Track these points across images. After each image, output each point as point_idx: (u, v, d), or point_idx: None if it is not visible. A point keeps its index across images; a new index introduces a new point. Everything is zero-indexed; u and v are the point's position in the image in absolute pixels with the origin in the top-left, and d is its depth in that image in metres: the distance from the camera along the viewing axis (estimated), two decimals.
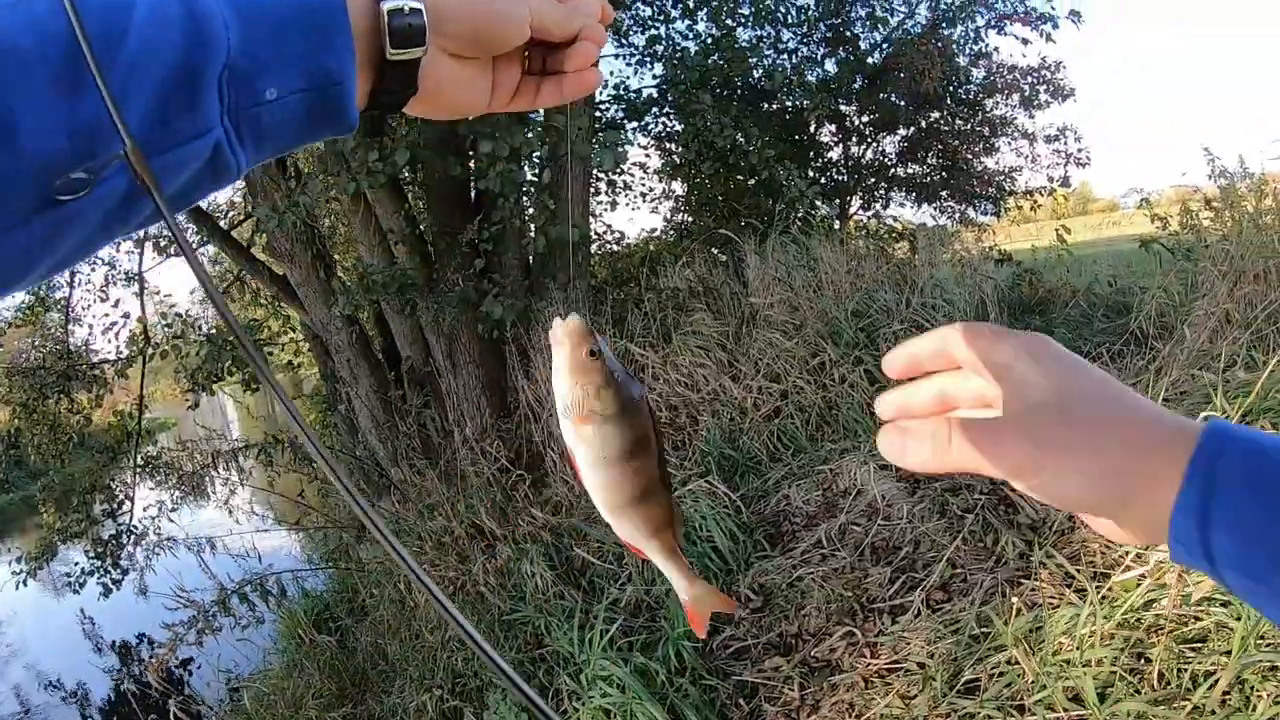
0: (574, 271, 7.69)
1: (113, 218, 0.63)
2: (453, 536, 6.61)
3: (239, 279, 13.75)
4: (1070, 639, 2.83)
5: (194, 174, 0.64)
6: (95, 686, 9.74)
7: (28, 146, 0.55)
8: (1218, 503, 0.55)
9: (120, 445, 9.88)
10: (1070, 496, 0.62)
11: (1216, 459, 0.56)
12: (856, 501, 4.56)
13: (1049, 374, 0.63)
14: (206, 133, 0.62)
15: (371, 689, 6.25)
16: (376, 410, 8.74)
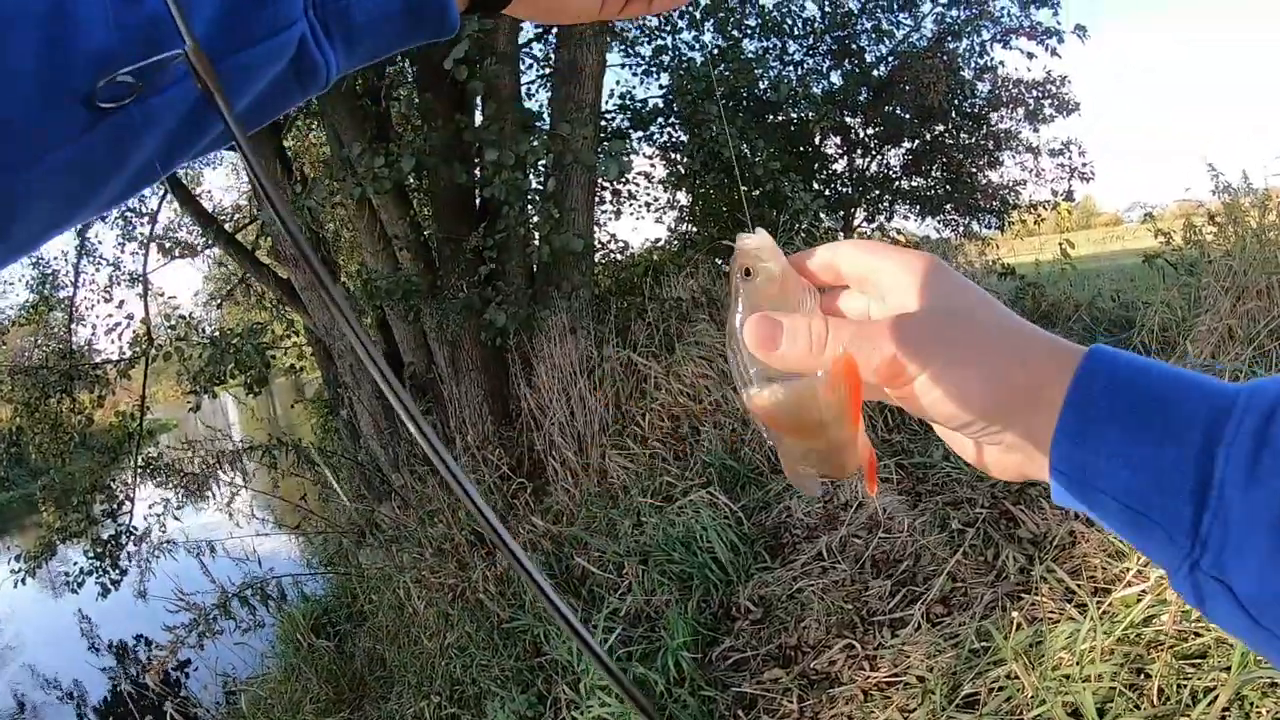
0: (578, 280, 7.69)
1: (178, 138, 0.56)
2: (453, 543, 6.61)
3: (244, 282, 13.79)
4: (1070, 654, 2.83)
5: (277, 79, 0.58)
6: (92, 686, 9.74)
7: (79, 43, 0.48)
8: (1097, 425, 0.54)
9: (121, 446, 9.87)
10: (947, 404, 0.59)
11: (1095, 380, 0.55)
12: (857, 514, 4.56)
13: (936, 285, 0.61)
14: (288, 27, 0.56)
15: (369, 695, 6.25)
16: (378, 415, 8.75)
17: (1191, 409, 0.51)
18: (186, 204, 10.69)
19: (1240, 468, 0.48)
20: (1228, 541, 0.48)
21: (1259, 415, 0.48)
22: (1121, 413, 0.53)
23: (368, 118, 7.38)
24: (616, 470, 6.34)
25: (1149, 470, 0.51)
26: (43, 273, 11.11)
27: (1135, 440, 0.52)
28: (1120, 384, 0.54)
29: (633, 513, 5.72)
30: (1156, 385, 0.53)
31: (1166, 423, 0.51)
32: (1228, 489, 0.48)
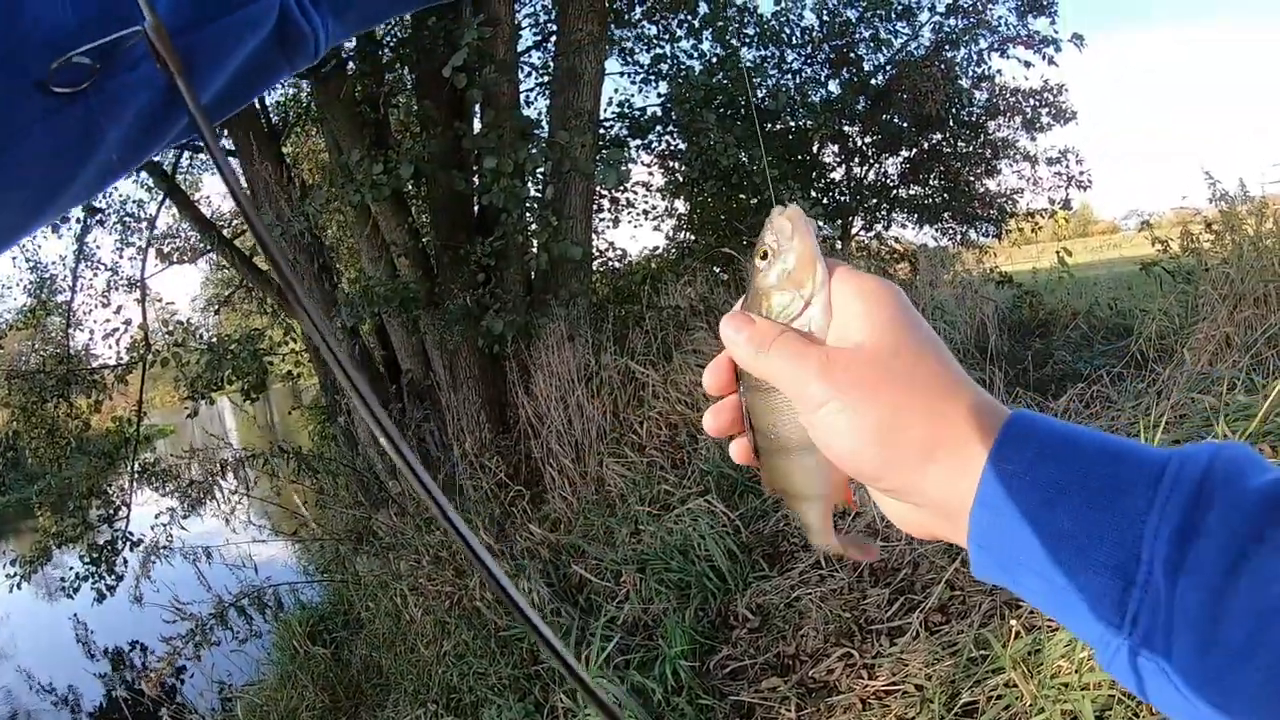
0: (576, 288, 7.70)
1: (144, 126, 0.49)
2: (450, 551, 6.59)
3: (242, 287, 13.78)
4: (1069, 662, 2.82)
5: (258, 51, 0.53)
6: (87, 692, 9.71)
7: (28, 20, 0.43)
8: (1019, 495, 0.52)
9: (118, 451, 9.86)
10: (837, 443, 0.59)
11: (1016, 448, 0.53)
12: (855, 522, 4.55)
13: (881, 320, 0.60)
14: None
15: (365, 702, 6.24)
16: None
17: (1118, 479, 0.50)
18: (185, 209, 10.70)
19: (1169, 555, 0.46)
20: (1157, 621, 0.47)
21: (1187, 488, 0.47)
22: (1042, 482, 0.52)
23: (366, 125, 7.39)
24: (614, 478, 6.33)
25: (1070, 544, 0.50)
26: (40, 277, 11.13)
27: (1057, 510, 0.51)
28: (1041, 452, 0.53)
29: (630, 521, 5.72)
30: (1080, 451, 0.52)
31: (1088, 492, 0.50)
32: (1155, 574, 0.47)
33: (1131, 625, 0.48)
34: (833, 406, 0.59)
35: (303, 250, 8.23)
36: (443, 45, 6.54)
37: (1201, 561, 0.45)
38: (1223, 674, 0.44)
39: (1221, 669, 0.44)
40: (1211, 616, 0.44)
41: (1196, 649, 0.45)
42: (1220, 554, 0.45)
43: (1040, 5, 11.69)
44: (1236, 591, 0.44)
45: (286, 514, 9.94)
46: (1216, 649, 0.44)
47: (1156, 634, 0.47)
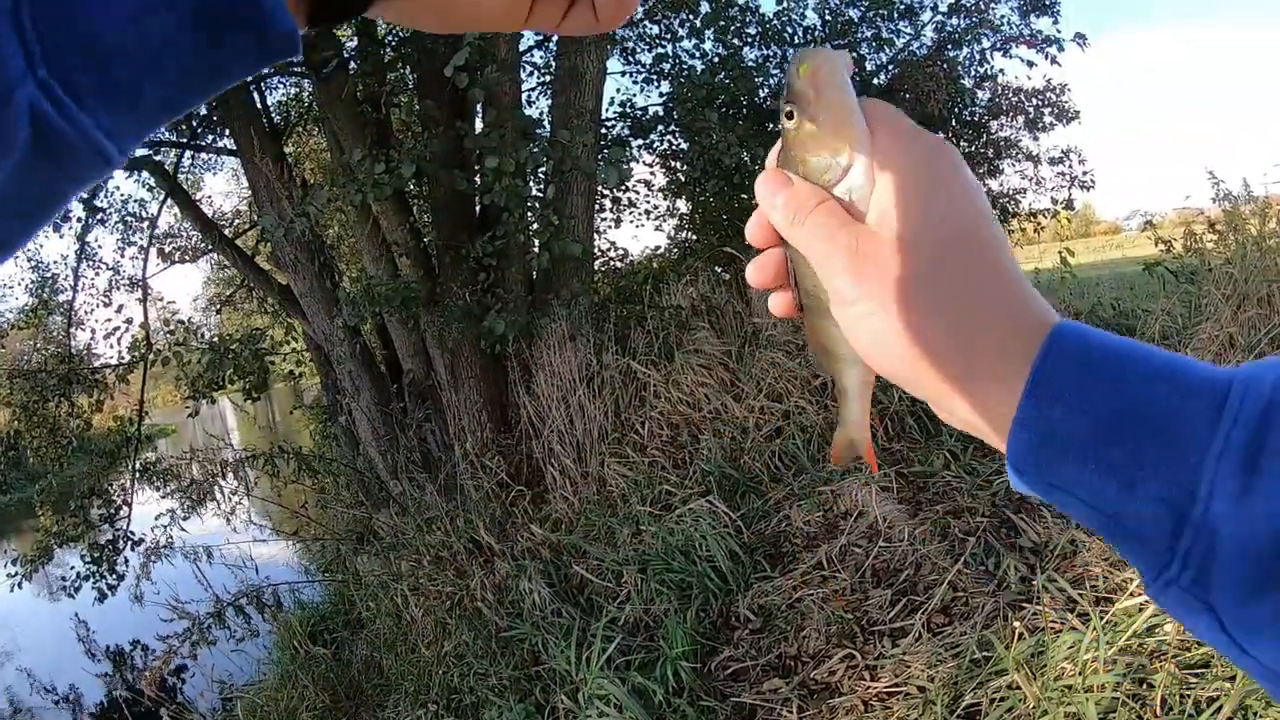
0: (577, 287, 7.69)
1: None
2: (451, 551, 6.59)
3: (244, 287, 13.79)
4: (1072, 664, 2.81)
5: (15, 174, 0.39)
6: (88, 691, 9.73)
7: None
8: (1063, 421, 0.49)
9: (119, 450, 9.88)
10: (869, 349, 0.58)
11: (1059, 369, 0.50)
12: (858, 523, 4.54)
13: (923, 198, 0.56)
14: None
15: (366, 702, 6.22)
16: (377, 422, 8.74)
17: (1174, 406, 0.47)
18: (186, 209, 10.69)
19: (1229, 483, 0.44)
20: (1212, 564, 0.45)
21: (1252, 420, 0.45)
22: (1091, 407, 0.48)
23: (368, 124, 7.38)
24: (615, 478, 6.32)
25: (1122, 476, 0.47)
26: (42, 276, 11.12)
27: (1107, 440, 0.48)
28: (1091, 373, 0.50)
29: (632, 521, 5.71)
30: (1134, 374, 0.49)
31: (1144, 421, 0.47)
32: (1214, 506, 0.44)
33: (1182, 564, 0.46)
34: (861, 308, 0.57)
35: (304, 249, 8.23)
36: (444, 45, 6.53)
37: (1263, 503, 0.43)
38: (1273, 624, 0.43)
39: (1273, 618, 0.43)
40: (1269, 563, 0.43)
41: (1248, 595, 0.44)
42: None
43: (1043, 4, 11.65)
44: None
45: (287, 514, 9.95)
46: (1270, 598, 0.43)
47: (1209, 575, 0.45)
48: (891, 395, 5.52)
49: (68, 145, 0.39)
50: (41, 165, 0.39)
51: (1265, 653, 0.44)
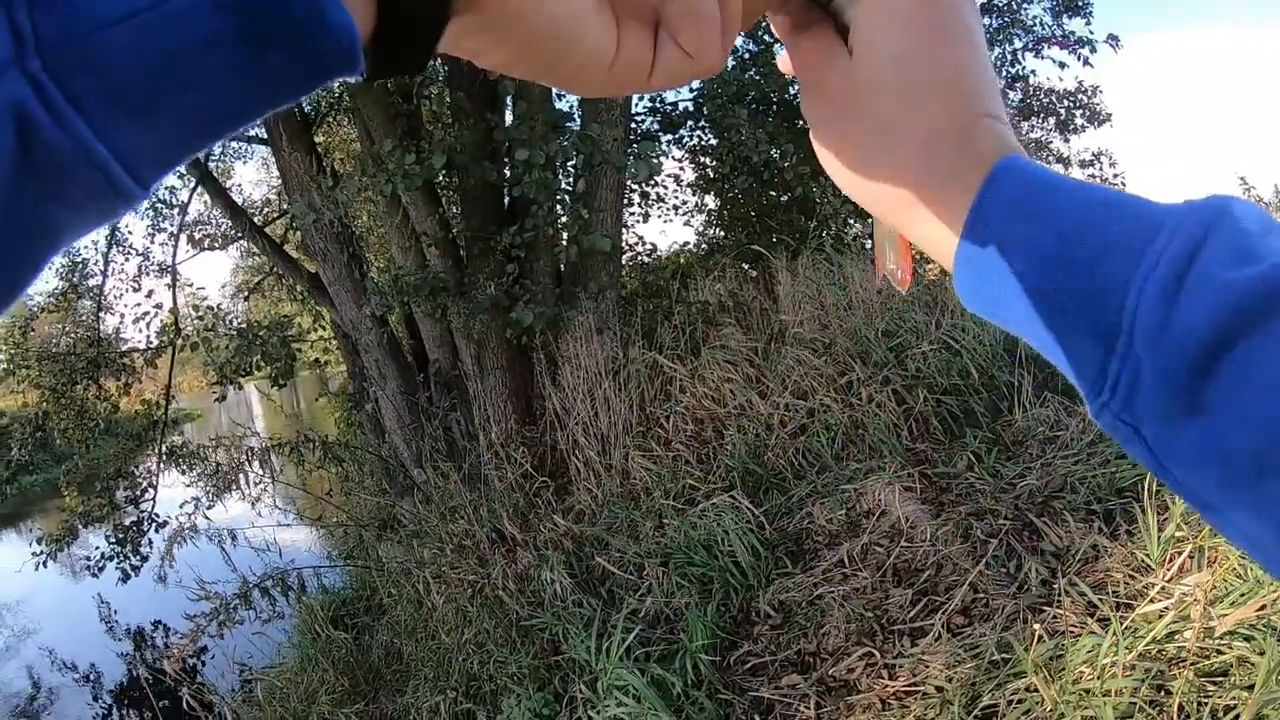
0: (605, 281, 7.70)
1: None
2: (474, 540, 6.63)
3: (272, 274, 13.86)
4: (1091, 668, 2.81)
5: None
6: (108, 670, 9.84)
7: None
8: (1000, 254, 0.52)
9: (146, 433, 9.94)
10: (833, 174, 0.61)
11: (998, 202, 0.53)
12: (880, 522, 4.55)
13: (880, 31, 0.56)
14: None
15: (385, 687, 6.26)
16: (403, 411, 8.78)
17: (1104, 241, 0.49)
18: (216, 197, 10.76)
19: (1149, 316, 0.45)
20: (1137, 392, 0.47)
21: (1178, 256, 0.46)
22: (1026, 243, 0.51)
23: (399, 115, 7.39)
24: (639, 471, 6.34)
25: (1055, 306, 0.50)
26: (72, 261, 11.18)
27: (1040, 275, 0.50)
28: (1025, 211, 0.52)
29: (654, 514, 5.72)
30: (1066, 211, 0.51)
31: (1074, 258, 0.49)
32: (1136, 337, 0.46)
33: (1112, 391, 0.48)
34: (815, 135, 0.61)
35: (333, 239, 8.26)
36: None
37: (1178, 336, 0.44)
38: (1194, 452, 0.45)
39: (1194, 447, 0.44)
40: (1189, 394, 0.44)
41: (1170, 425, 0.45)
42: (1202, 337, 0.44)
43: (1075, 5, 11.55)
44: (1218, 372, 0.43)
45: (311, 500, 10.02)
46: (1191, 428, 0.44)
47: (1135, 403, 0.47)
48: (917, 395, 5.52)
49: (62, 162, 0.31)
50: (28, 185, 0.31)
51: (1193, 480, 0.46)
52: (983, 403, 5.43)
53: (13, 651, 11.49)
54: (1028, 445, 4.74)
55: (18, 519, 18.96)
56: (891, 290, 6.10)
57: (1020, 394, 5.16)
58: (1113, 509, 3.76)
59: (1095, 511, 3.82)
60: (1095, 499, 3.92)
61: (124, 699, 9.19)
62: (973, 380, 5.58)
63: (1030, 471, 4.39)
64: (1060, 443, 4.55)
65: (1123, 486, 3.88)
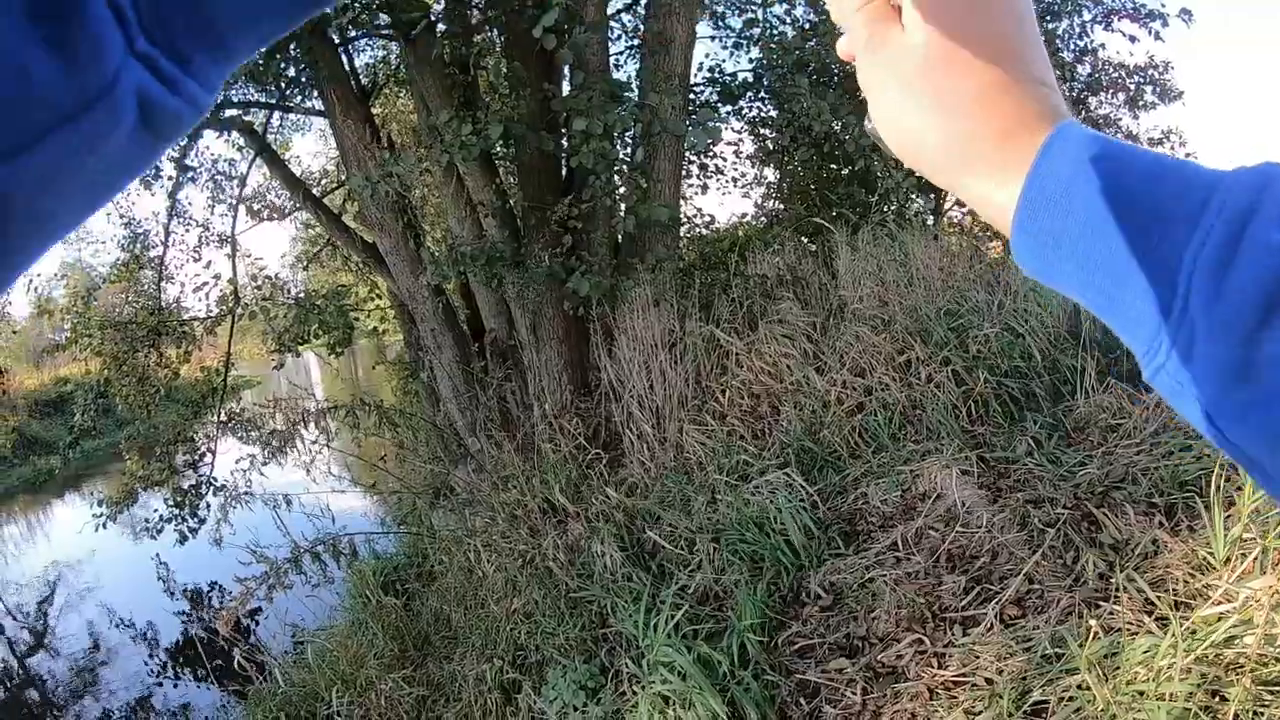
0: (662, 252, 7.65)
1: None
2: (525, 510, 6.65)
3: (330, 245, 14.00)
4: (1147, 669, 2.74)
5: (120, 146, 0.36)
6: (164, 628, 10.11)
7: None
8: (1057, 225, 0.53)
9: (205, 400, 10.13)
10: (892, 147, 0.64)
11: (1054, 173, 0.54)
12: (935, 506, 4.48)
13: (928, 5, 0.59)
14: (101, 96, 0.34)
15: (433, 653, 6.31)
16: (458, 380, 8.82)
17: (1161, 206, 0.49)
18: (275, 168, 10.85)
19: (1204, 280, 0.47)
20: (1192, 354, 0.48)
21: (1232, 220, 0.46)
22: (1084, 208, 0.52)
23: (455, 86, 7.39)
24: (693, 446, 6.32)
25: (1111, 271, 0.51)
26: (134, 232, 11.35)
27: (1096, 238, 0.51)
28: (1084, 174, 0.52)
29: (707, 489, 5.70)
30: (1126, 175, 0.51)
31: (1131, 219, 0.50)
32: (1192, 300, 0.47)
33: (1168, 353, 0.50)
34: (872, 105, 0.64)
35: (390, 209, 8.30)
36: (532, 6, 6.50)
37: (1236, 306, 0.45)
38: (1247, 414, 0.46)
39: (1246, 408, 0.46)
40: (1242, 358, 0.46)
41: (1225, 388, 0.47)
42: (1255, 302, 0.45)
43: None
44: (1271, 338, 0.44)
45: (366, 466, 10.13)
46: (1243, 391, 0.46)
47: (1190, 366, 0.48)
48: (976, 377, 5.42)
49: (174, 115, 0.38)
50: (143, 138, 0.37)
51: (1245, 441, 0.48)
52: (1044, 387, 5.33)
53: (74, 608, 11.83)
54: (1089, 432, 4.63)
55: (80, 482, 19.45)
56: None
57: (1083, 379, 5.05)
58: (1175, 503, 3.66)
59: (1156, 505, 3.72)
60: (1157, 491, 3.82)
61: (179, 656, 9.42)
62: (1035, 363, 5.47)
63: (1091, 460, 4.29)
64: (1123, 431, 4.44)
65: (1186, 480, 3.78)
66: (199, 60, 0.37)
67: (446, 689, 5.66)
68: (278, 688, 6.36)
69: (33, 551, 15.69)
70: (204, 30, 0.37)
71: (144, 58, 0.35)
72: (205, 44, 0.37)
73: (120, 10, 0.34)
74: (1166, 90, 12.09)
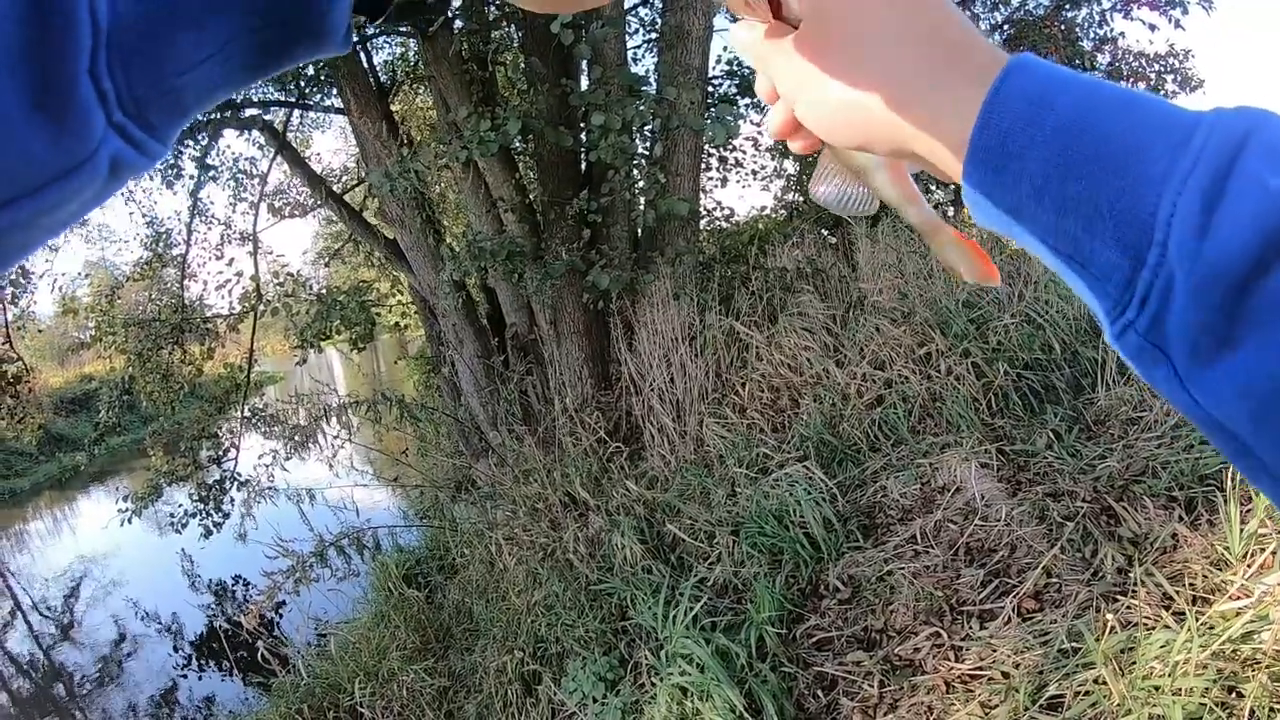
0: (682, 246, 7.64)
1: None
2: (546, 503, 6.67)
3: (351, 241, 14.07)
4: (1163, 664, 2.74)
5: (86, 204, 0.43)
6: (189, 621, 10.22)
7: None
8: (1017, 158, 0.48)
9: (228, 396, 10.24)
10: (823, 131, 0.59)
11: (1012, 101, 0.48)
12: (954, 499, 4.47)
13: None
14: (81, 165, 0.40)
15: (454, 645, 6.35)
16: (479, 374, 8.84)
17: (1136, 141, 0.45)
18: (296, 166, 10.91)
19: (1186, 225, 0.42)
20: (1168, 309, 0.43)
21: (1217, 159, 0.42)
22: (1047, 141, 0.47)
23: (474, 82, 7.39)
24: (713, 439, 6.32)
25: (1079, 213, 0.46)
26: (157, 231, 11.47)
27: (1063, 176, 0.46)
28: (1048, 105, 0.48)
29: (727, 482, 5.71)
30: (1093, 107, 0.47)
31: (1102, 156, 0.45)
32: (1170, 248, 0.42)
33: (1139, 308, 0.45)
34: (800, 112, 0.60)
35: (410, 205, 8.33)
36: None
37: (1224, 250, 0.41)
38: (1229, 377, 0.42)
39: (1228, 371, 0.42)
40: (1229, 312, 0.41)
41: (1206, 348, 0.42)
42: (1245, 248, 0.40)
43: None
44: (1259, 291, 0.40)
45: (388, 460, 10.19)
46: (1229, 351, 0.42)
47: (1165, 321, 0.44)
48: (996, 369, 5.41)
49: (134, 167, 0.43)
50: (108, 185, 0.43)
51: (1224, 412, 0.43)
52: (1064, 379, 5.31)
53: (99, 602, 11.96)
54: (1109, 425, 4.61)
55: (106, 477, 19.67)
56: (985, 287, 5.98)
57: (1104, 371, 5.03)
58: (1194, 497, 3.64)
59: (1176, 499, 3.70)
60: (1177, 485, 3.80)
61: (203, 648, 9.51)
62: (1055, 355, 5.45)
63: (1111, 453, 4.27)
64: (1143, 424, 4.42)
65: (1206, 474, 3.75)
66: (162, 125, 0.43)
67: (467, 680, 5.69)
68: (301, 680, 6.41)
69: (59, 546, 15.87)
70: (171, 104, 0.43)
71: (119, 127, 0.41)
72: (167, 111, 0.43)
73: (103, 92, 0.39)
74: (1187, 79, 11.99)
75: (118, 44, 0.39)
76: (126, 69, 0.40)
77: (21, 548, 16.45)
